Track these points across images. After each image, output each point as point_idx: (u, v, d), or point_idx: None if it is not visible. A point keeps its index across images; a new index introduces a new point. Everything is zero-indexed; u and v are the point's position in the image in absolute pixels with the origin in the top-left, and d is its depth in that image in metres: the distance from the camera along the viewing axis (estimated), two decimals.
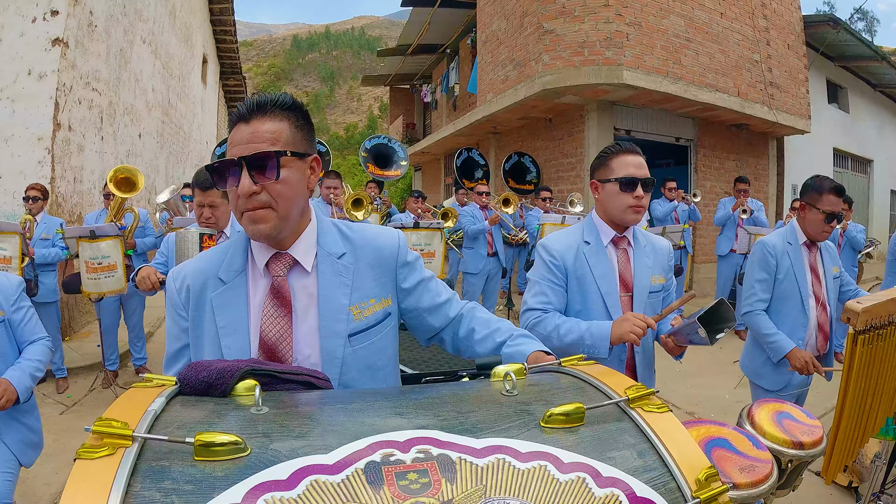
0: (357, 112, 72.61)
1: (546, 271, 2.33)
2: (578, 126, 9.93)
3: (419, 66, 19.48)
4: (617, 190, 2.27)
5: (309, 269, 1.45)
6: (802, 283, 3.07)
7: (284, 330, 1.41)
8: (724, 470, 1.61)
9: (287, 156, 1.33)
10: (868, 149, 17.22)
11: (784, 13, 11.86)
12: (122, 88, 9.29)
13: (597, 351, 2.13)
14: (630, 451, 0.91)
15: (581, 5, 8.88)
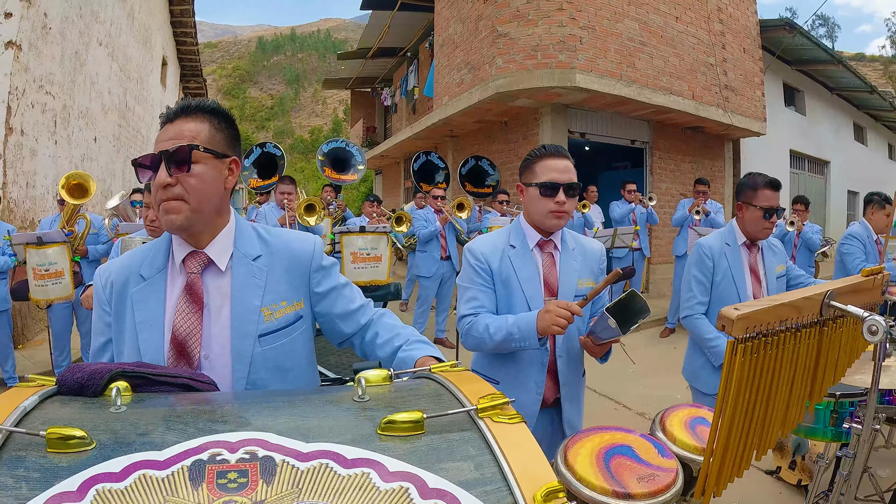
0: (322, 115, 72.36)
1: (473, 275, 2.29)
2: (533, 129, 9.95)
3: (380, 70, 19.40)
4: (538, 194, 2.24)
5: (224, 268, 1.50)
6: (741, 284, 3.00)
7: (194, 327, 1.45)
8: (620, 480, 1.56)
9: (200, 150, 1.41)
10: (825, 151, 17.52)
11: (740, 17, 12.00)
12: (77, 91, 9.14)
13: (528, 343, 2.09)
14: (468, 463, 0.89)
15: (535, 9, 8.88)
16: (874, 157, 21.86)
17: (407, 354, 1.56)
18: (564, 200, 2.21)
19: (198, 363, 1.46)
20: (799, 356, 1.59)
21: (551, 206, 2.21)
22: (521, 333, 2.08)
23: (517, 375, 2.27)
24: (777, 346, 1.48)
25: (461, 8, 10.58)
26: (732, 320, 1.34)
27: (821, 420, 2.61)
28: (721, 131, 11.91)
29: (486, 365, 2.37)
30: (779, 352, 1.49)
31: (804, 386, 1.68)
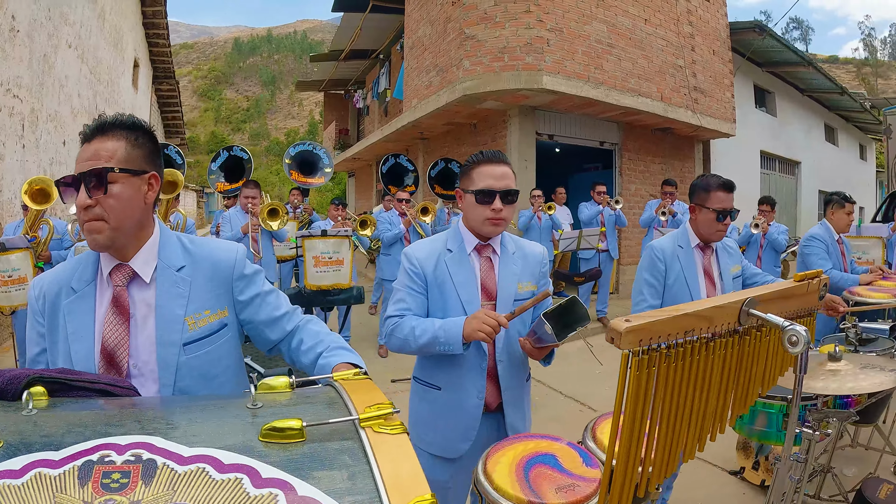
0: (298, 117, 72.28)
1: (406, 279, 2.27)
2: (501, 131, 9.94)
3: (353, 72, 19.34)
4: (474, 201, 2.21)
5: (148, 280, 1.55)
6: (694, 287, 2.95)
7: (122, 337, 1.50)
8: (538, 490, 1.56)
9: (116, 172, 1.45)
10: (796, 151, 17.73)
11: (710, 20, 12.06)
12: (46, 95, 9.02)
13: (452, 348, 2.08)
14: (342, 472, 0.91)
15: (502, 11, 8.86)
16: (845, 157, 22.16)
17: (326, 361, 1.59)
18: (501, 207, 2.18)
19: (127, 372, 1.50)
20: (713, 367, 1.55)
21: (487, 214, 2.19)
22: (446, 337, 2.07)
23: (458, 381, 2.24)
24: (682, 358, 1.44)
25: (430, 10, 10.56)
26: (620, 333, 1.30)
27: (773, 424, 2.58)
28: (690, 132, 11.97)
29: (427, 371, 2.34)
30: (685, 364, 1.45)
31: (723, 397, 1.64)
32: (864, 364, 2.38)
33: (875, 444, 4.14)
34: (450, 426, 2.25)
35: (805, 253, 4.63)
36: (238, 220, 6.19)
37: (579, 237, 7.57)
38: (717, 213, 2.88)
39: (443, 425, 2.27)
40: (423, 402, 2.35)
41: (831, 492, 3.63)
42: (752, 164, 15.53)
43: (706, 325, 1.47)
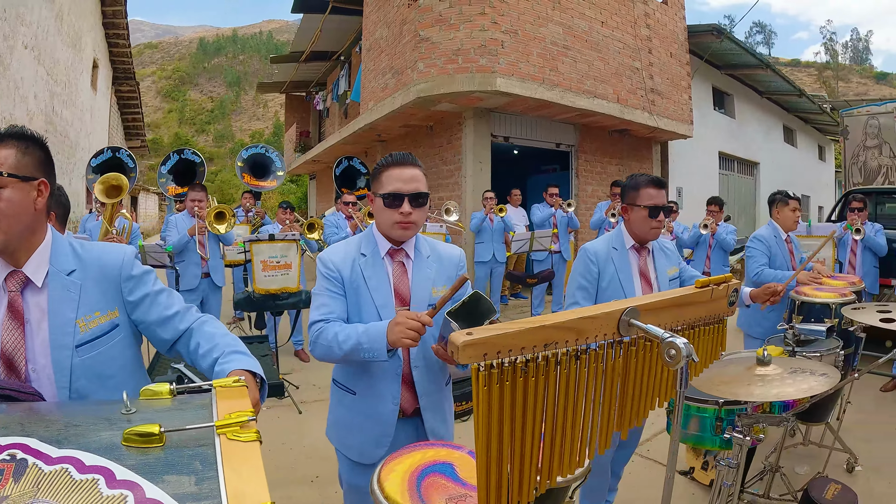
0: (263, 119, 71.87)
1: (325, 282, 2.22)
2: (457, 133, 9.93)
3: (314, 74, 19.18)
4: (383, 205, 2.18)
5: (40, 285, 1.59)
6: (629, 288, 2.91)
7: (18, 342, 1.55)
8: (428, 500, 1.54)
9: (4, 177, 1.49)
10: (755, 152, 18.00)
11: (668, 23, 12.19)
12: (0, 97, 8.82)
13: (376, 354, 2.02)
14: (191, 477, 0.94)
15: (457, 13, 8.83)
16: (804, 157, 22.57)
17: (221, 368, 1.59)
18: (410, 211, 2.15)
19: (26, 376, 1.55)
20: (589, 380, 1.50)
21: (396, 217, 2.16)
22: (369, 343, 2.02)
23: (373, 386, 2.21)
24: (543, 373, 1.38)
25: (387, 12, 10.50)
26: (458, 347, 1.24)
27: (707, 428, 2.58)
28: (648, 134, 12.06)
29: (344, 374, 2.30)
30: (550, 377, 1.40)
31: (607, 410, 1.59)
32: (794, 368, 2.35)
33: (828, 441, 4.20)
34: (365, 431, 2.22)
35: (748, 254, 4.64)
36: (184, 224, 6.13)
37: (531, 239, 7.58)
38: (648, 209, 2.84)
39: (359, 430, 2.24)
40: (340, 405, 2.32)
41: (781, 491, 3.65)
42: (711, 164, 15.74)
43: (573, 336, 1.42)
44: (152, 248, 5.79)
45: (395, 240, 2.25)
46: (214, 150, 65.32)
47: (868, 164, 11.77)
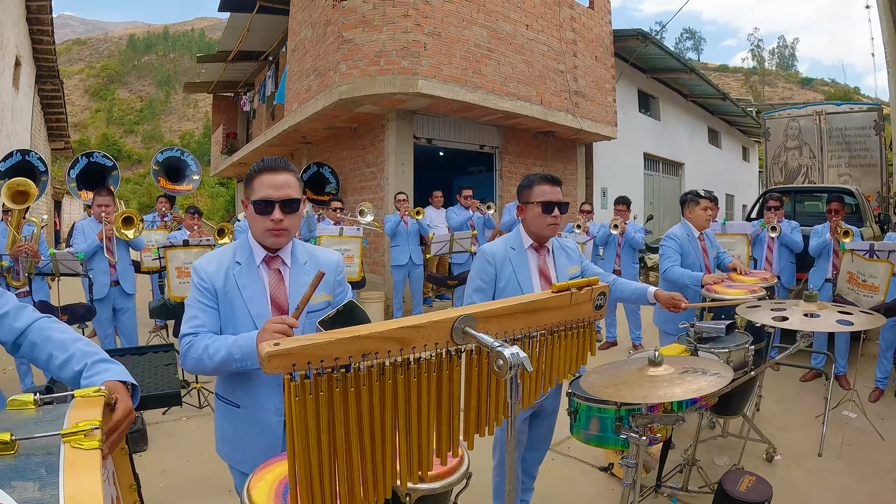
0: (193, 119, 70.35)
1: (197, 294, 2.15)
2: (379, 135, 9.91)
3: (242, 74, 18.83)
4: (254, 212, 2.14)
5: None
6: (528, 289, 2.88)
7: None
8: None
9: None
10: (679, 153, 18.55)
11: (594, 27, 12.43)
12: None
13: (249, 363, 1.98)
14: (35, 483, 0.99)
15: (381, 15, 8.79)
16: (728, 158, 23.35)
17: (88, 382, 1.53)
18: (281, 218, 2.11)
19: None
20: (420, 391, 1.47)
21: (268, 225, 2.12)
22: (241, 353, 1.98)
23: (255, 397, 2.17)
24: (365, 383, 1.37)
25: (313, 13, 10.40)
26: (262, 357, 1.23)
27: (608, 429, 2.59)
28: (572, 136, 12.28)
29: (226, 387, 2.25)
30: (373, 389, 1.38)
31: (444, 420, 1.56)
32: (685, 368, 2.36)
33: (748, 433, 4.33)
34: (253, 444, 2.17)
35: (661, 252, 4.71)
36: (91, 230, 5.95)
37: (451, 240, 7.59)
38: (542, 205, 2.86)
39: (246, 443, 2.20)
40: (225, 419, 2.28)
41: (700, 483, 3.75)
42: (636, 165, 16.13)
43: (396, 346, 1.39)
44: (63, 256, 5.60)
45: (269, 247, 2.22)
46: (143, 152, 63.48)
47: (789, 164, 12.19)
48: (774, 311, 2.77)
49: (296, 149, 13.64)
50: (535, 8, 10.73)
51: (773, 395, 5.76)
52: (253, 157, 15.48)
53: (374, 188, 10.11)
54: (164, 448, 4.54)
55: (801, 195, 10.10)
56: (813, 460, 4.39)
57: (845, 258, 5.33)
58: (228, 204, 25.80)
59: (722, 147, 22.64)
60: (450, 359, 1.51)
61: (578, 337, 1.95)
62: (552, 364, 1.88)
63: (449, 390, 1.53)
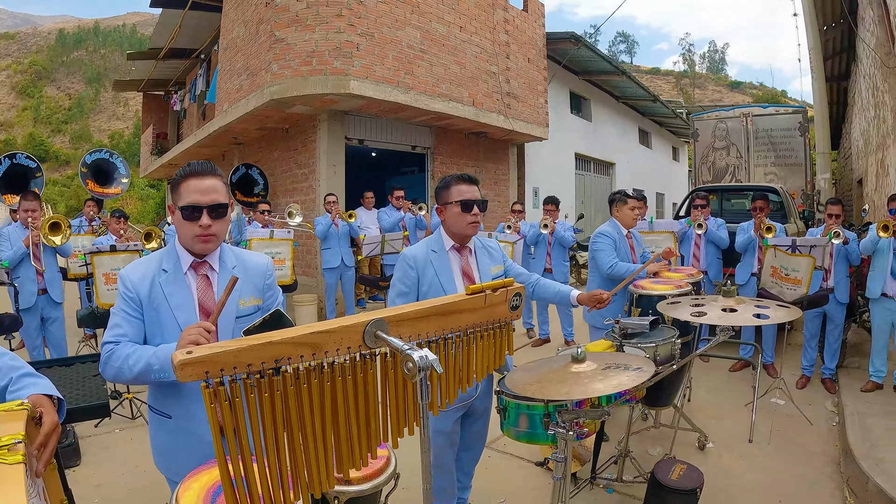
0: (123, 118, 68.34)
1: (122, 303, 2.11)
2: (311, 136, 9.85)
3: (173, 72, 18.27)
4: (181, 218, 2.11)
5: None
6: (451, 290, 2.84)
7: None
8: None
9: None
10: (610, 153, 19.04)
11: (527, 29, 12.65)
12: None
13: (167, 375, 1.93)
14: None
15: (314, 14, 8.72)
16: (659, 158, 24.09)
17: (14, 397, 1.52)
18: (209, 223, 2.09)
19: None
20: (336, 394, 1.50)
21: (196, 230, 2.09)
22: (160, 364, 1.95)
23: (186, 407, 2.14)
24: (280, 387, 1.38)
25: (245, 11, 10.23)
26: (175, 365, 1.24)
27: (537, 425, 2.59)
28: (504, 136, 12.47)
29: (158, 398, 2.21)
30: (287, 393, 1.40)
31: (361, 422, 1.58)
32: (608, 364, 2.38)
33: (681, 423, 4.46)
34: (187, 455, 2.12)
35: (594, 249, 4.79)
36: (17, 236, 5.75)
37: (382, 242, 7.61)
38: (461, 204, 2.85)
39: (181, 454, 2.16)
40: (159, 430, 2.24)
41: (634, 473, 3.86)
42: (567, 165, 16.48)
43: (309, 351, 1.41)
44: None
45: (197, 253, 2.19)
46: (71, 153, 61.16)
47: (717, 163, 12.59)
48: (694, 308, 2.88)
49: (227, 150, 13.42)
50: (469, 10, 10.84)
51: (704, 386, 5.98)
52: (183, 158, 15.13)
53: (306, 189, 10.04)
54: (97, 462, 4.41)
55: (728, 193, 10.38)
56: (744, 446, 4.57)
57: (768, 253, 5.60)
58: (159, 206, 25.01)
59: (652, 147, 23.34)
60: (364, 362, 1.53)
61: (495, 337, 1.98)
62: (469, 364, 1.91)
63: (365, 393, 1.56)
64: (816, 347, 6.11)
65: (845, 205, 15.44)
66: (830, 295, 5.75)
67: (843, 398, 5.40)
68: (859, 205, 12.40)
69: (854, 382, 5.79)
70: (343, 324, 1.47)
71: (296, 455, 1.45)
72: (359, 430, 1.57)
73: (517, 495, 3.85)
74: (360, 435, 1.58)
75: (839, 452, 4.52)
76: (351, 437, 1.56)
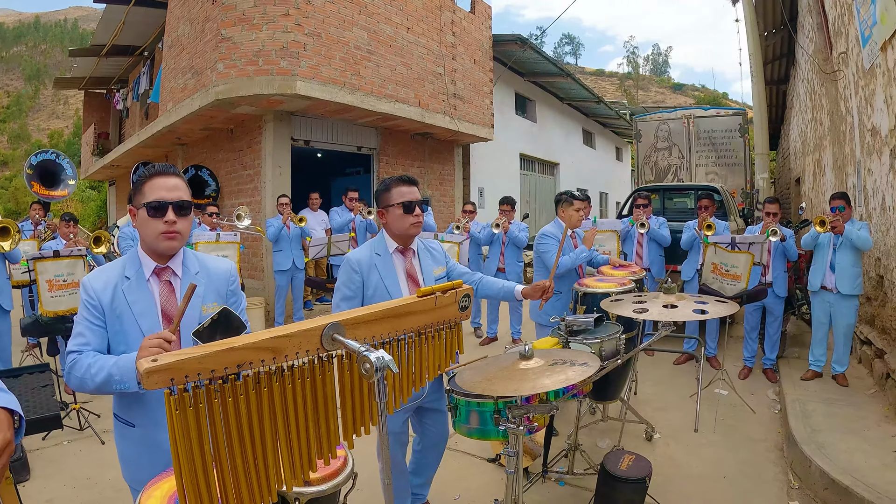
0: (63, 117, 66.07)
1: (84, 311, 2.09)
2: (257, 137, 9.77)
3: (116, 70, 17.63)
4: (146, 215, 2.10)
5: None
6: (396, 293, 2.91)
7: None
8: None
9: None
10: (554, 153, 19.39)
11: (474, 31, 12.81)
12: None
13: (128, 386, 1.93)
14: None
15: (261, 13, 8.62)
16: (602, 158, 24.63)
17: None
18: (175, 220, 2.10)
19: None
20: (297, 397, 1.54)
21: (161, 227, 2.09)
22: (120, 374, 1.93)
23: (151, 416, 2.13)
24: (243, 392, 1.42)
25: (192, 8, 10.03)
26: (141, 374, 1.27)
27: (488, 421, 2.62)
28: (449, 137, 12.61)
29: (122, 407, 2.19)
30: (250, 398, 1.44)
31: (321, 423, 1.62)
32: (555, 360, 2.41)
33: (628, 416, 4.64)
34: (153, 464, 2.08)
35: (540, 250, 4.86)
36: None
37: (329, 244, 7.63)
38: (403, 205, 2.89)
39: (146, 463, 2.12)
40: (124, 440, 2.21)
41: (584, 466, 3.99)
42: (512, 166, 16.73)
43: (269, 355, 1.46)
44: None
45: (161, 253, 2.18)
46: (9, 153, 58.62)
47: (659, 163, 12.93)
48: (636, 305, 2.97)
49: (170, 150, 13.17)
50: (417, 11, 10.90)
51: (650, 379, 6.17)
52: (126, 158, 14.76)
53: (251, 191, 9.96)
54: (47, 475, 4.29)
55: (671, 193, 10.63)
56: (690, 436, 4.76)
57: (709, 251, 5.84)
58: (100, 209, 24.13)
59: (596, 147, 23.83)
60: (322, 365, 1.58)
61: (446, 337, 2.04)
62: (421, 364, 1.97)
63: (324, 394, 1.61)
64: (757, 339, 6.37)
65: (783, 203, 16.16)
66: (769, 289, 6.01)
67: (784, 387, 5.63)
68: (797, 203, 12.88)
69: (794, 372, 6.04)
70: (301, 328, 1.52)
71: (257, 458, 1.48)
72: (318, 430, 1.62)
73: (470, 491, 3.92)
74: (321, 435, 1.63)
75: (782, 438, 4.73)
76: (311, 438, 1.60)
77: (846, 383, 5.59)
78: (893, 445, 4.15)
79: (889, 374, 5.17)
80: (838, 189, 7.71)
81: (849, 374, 5.72)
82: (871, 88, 5.89)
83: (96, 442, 4.78)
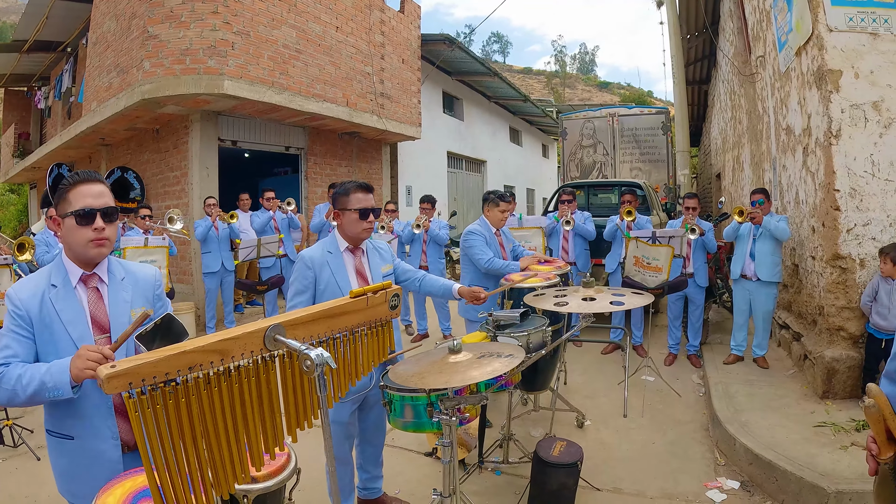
0: None
1: (10, 322, 2.05)
2: (183, 137, 9.61)
3: (38, 66, 16.70)
4: (74, 224, 2.09)
5: None
6: (347, 289, 2.93)
7: None
8: None
9: None
10: (482, 151, 19.79)
11: (402, 31, 12.95)
12: None
13: (61, 392, 1.89)
14: None
15: (189, 11, 8.44)
16: (529, 155, 25.21)
17: None
18: (103, 226, 2.11)
19: None
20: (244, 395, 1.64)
21: (90, 235, 2.09)
22: (53, 381, 1.90)
23: (88, 425, 2.10)
24: (195, 392, 1.52)
25: (118, 3, 9.73)
26: (101, 379, 1.34)
27: (422, 415, 2.67)
28: (377, 136, 12.74)
29: (56, 420, 2.14)
30: (202, 398, 1.53)
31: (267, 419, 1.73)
32: (482, 353, 2.51)
33: (558, 405, 4.82)
34: (94, 476, 2.05)
35: (466, 247, 4.94)
36: None
37: (258, 245, 7.66)
38: (359, 212, 3.09)
39: (86, 476, 2.09)
40: (60, 455, 2.15)
41: (519, 455, 4.18)
42: (439, 164, 17.00)
43: (217, 357, 1.55)
44: None
45: (90, 261, 2.17)
46: None
47: (584, 160, 13.38)
48: (557, 298, 3.09)
49: (94, 151, 12.78)
50: (346, 10, 10.93)
51: (578, 369, 6.41)
52: (48, 160, 14.10)
53: (178, 193, 9.78)
54: None
55: (595, 189, 10.79)
56: (619, 421, 5.01)
57: (630, 244, 6.13)
58: (20, 214, 22.97)
59: (523, 145, 24.40)
60: (265, 364, 1.69)
61: (378, 335, 2.20)
62: (356, 360, 2.12)
63: (269, 392, 1.71)
64: (681, 327, 6.69)
65: (706, 197, 16.90)
66: (690, 279, 6.34)
67: (708, 371, 5.92)
68: (717, 197, 13.45)
69: (717, 356, 6.34)
70: (246, 330, 1.64)
71: (212, 454, 1.57)
72: (264, 426, 1.72)
73: (409, 484, 4.03)
74: (267, 431, 1.73)
75: (707, 419, 4.99)
76: (258, 434, 1.71)
77: (767, 365, 5.92)
78: (812, 421, 4.43)
79: (806, 355, 5.44)
80: (756, 184, 8.18)
81: (769, 356, 6.05)
82: (786, 90, 6.31)
83: (32, 459, 4.65)
